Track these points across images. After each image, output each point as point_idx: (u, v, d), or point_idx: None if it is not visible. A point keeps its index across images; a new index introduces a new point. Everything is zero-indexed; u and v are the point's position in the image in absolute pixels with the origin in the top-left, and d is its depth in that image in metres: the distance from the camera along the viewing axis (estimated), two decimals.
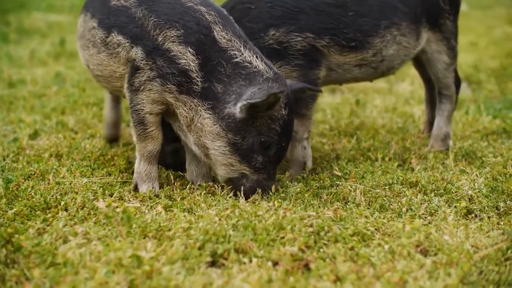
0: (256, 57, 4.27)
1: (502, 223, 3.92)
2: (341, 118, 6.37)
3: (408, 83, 7.94)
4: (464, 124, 6.01)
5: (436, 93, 5.43)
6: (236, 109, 4.14)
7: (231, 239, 3.57)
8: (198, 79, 4.22)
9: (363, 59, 4.80)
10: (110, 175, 4.70)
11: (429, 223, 3.91)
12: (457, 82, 5.35)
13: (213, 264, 3.48)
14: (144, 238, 3.69)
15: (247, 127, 4.18)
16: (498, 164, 4.79)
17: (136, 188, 4.43)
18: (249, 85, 4.17)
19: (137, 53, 4.30)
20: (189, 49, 4.22)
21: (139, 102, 4.34)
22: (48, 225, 3.83)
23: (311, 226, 3.76)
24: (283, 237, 3.65)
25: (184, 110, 4.27)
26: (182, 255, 3.43)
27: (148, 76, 4.28)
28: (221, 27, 4.29)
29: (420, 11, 4.95)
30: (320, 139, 5.60)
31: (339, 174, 4.70)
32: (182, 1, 4.34)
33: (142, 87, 4.31)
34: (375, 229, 3.79)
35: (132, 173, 4.70)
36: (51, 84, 7.46)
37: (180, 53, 4.23)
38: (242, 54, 4.24)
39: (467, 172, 4.70)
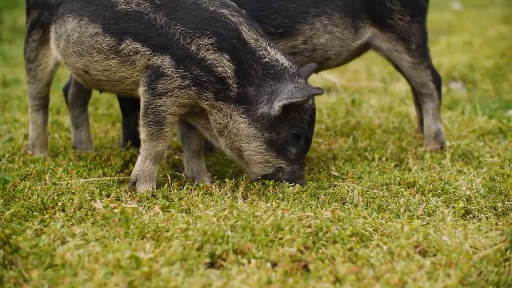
0: (279, 53, 4.37)
1: (500, 223, 3.92)
2: (337, 118, 6.37)
3: (404, 83, 7.92)
4: (460, 124, 6.02)
5: (418, 93, 5.45)
6: (274, 107, 4.24)
7: (229, 240, 3.56)
8: (234, 85, 4.26)
9: (293, 47, 4.90)
10: (105, 175, 4.68)
11: (428, 223, 3.91)
12: (436, 79, 5.33)
13: (211, 265, 3.47)
14: (142, 239, 3.67)
15: (281, 122, 4.31)
16: (495, 164, 4.79)
17: (133, 185, 4.41)
18: (278, 82, 4.29)
19: (163, 61, 4.25)
20: (225, 55, 4.24)
21: (162, 104, 4.30)
22: (45, 226, 3.81)
23: (309, 226, 3.76)
24: (281, 238, 3.64)
25: (219, 117, 4.31)
26: (181, 256, 3.42)
27: (180, 84, 4.25)
28: (247, 27, 4.34)
29: (359, 6, 5.02)
30: (316, 139, 5.59)
31: (336, 174, 4.70)
32: (203, 6, 4.33)
33: (169, 93, 4.27)
34: (374, 229, 3.79)
35: (129, 173, 4.69)
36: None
37: (217, 61, 4.23)
38: (269, 53, 4.33)
39: (465, 173, 4.70)
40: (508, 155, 4.99)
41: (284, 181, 4.37)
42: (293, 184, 4.36)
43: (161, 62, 4.26)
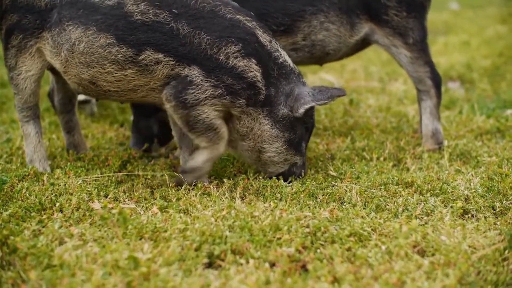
0: (286, 54, 4.49)
1: (498, 223, 3.92)
2: (335, 118, 6.36)
3: (401, 82, 7.94)
4: (458, 123, 6.01)
5: (416, 91, 5.48)
6: (299, 110, 4.37)
7: (227, 240, 3.56)
8: (263, 88, 4.34)
9: (294, 43, 5.05)
10: (103, 175, 4.67)
11: (426, 223, 3.91)
12: (434, 77, 5.36)
13: (210, 265, 3.47)
14: (140, 239, 3.67)
15: (298, 121, 4.44)
16: (493, 164, 4.79)
17: (183, 173, 4.47)
18: (289, 83, 4.42)
19: (191, 71, 4.25)
20: (252, 60, 4.29)
21: (200, 113, 4.31)
22: (43, 227, 3.81)
23: (307, 226, 3.76)
24: (279, 238, 3.64)
25: (248, 121, 4.40)
26: (179, 257, 3.42)
27: (212, 94, 4.27)
28: (261, 30, 4.41)
29: (354, 3, 5.13)
30: (314, 139, 5.58)
31: (334, 174, 4.69)
32: (221, 13, 4.33)
33: (202, 102, 4.27)
34: (372, 229, 3.78)
35: (127, 174, 4.69)
36: (44, 84, 7.40)
37: (246, 67, 4.27)
38: (281, 54, 4.44)
39: (463, 172, 4.70)
40: (506, 155, 4.99)
41: (297, 174, 4.56)
42: (298, 177, 4.57)
43: (189, 72, 4.26)
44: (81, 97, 6.14)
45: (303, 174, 4.62)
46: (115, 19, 4.31)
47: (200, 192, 4.32)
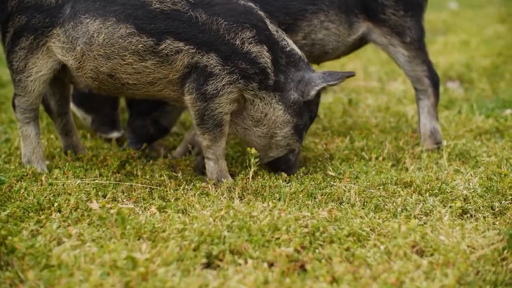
0: (293, 43, 4.61)
1: (497, 223, 3.92)
2: (334, 117, 6.36)
3: (400, 82, 7.93)
4: (457, 123, 6.00)
5: (414, 90, 5.48)
6: (311, 93, 4.50)
7: (226, 240, 3.55)
8: (272, 74, 4.44)
9: (295, 42, 5.02)
10: (102, 175, 4.66)
11: (425, 223, 3.91)
12: (432, 76, 5.37)
13: (208, 265, 3.47)
14: (138, 239, 3.67)
15: (306, 108, 4.56)
16: (492, 164, 4.78)
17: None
18: (298, 70, 4.54)
19: (209, 59, 4.32)
20: (264, 47, 4.40)
21: (217, 107, 4.39)
22: (41, 227, 3.81)
23: (306, 226, 3.75)
24: (278, 238, 3.63)
25: (261, 106, 4.50)
26: (177, 257, 3.42)
27: (228, 80, 4.35)
28: (269, 20, 4.52)
29: (352, 2, 5.17)
30: (313, 139, 5.58)
31: (333, 174, 4.69)
32: (233, 0, 4.43)
33: (220, 92, 4.36)
34: (371, 229, 3.78)
35: (125, 174, 4.70)
36: None
37: (259, 52, 4.37)
38: (288, 43, 4.55)
39: (462, 172, 4.70)
40: (505, 155, 4.99)
41: (292, 162, 4.72)
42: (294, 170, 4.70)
43: (207, 61, 4.33)
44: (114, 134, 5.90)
45: (296, 161, 4.74)
46: (134, 9, 4.34)
47: (198, 192, 4.32)
